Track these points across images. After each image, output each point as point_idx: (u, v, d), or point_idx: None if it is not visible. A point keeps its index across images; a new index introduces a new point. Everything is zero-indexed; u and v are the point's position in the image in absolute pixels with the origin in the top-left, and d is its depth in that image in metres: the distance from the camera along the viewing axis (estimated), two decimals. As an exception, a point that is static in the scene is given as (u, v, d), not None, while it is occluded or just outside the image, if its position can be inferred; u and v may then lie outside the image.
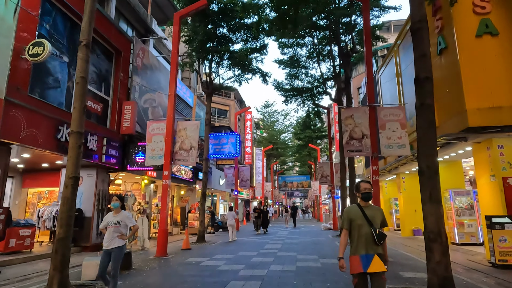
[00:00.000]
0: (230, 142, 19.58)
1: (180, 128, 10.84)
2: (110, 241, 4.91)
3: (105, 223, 5.01)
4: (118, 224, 4.97)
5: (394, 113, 9.56)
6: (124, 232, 5.06)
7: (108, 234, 4.93)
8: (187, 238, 11.73)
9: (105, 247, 4.93)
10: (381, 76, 17.71)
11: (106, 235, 4.96)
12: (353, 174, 13.73)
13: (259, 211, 17.74)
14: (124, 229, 5.06)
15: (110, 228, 4.94)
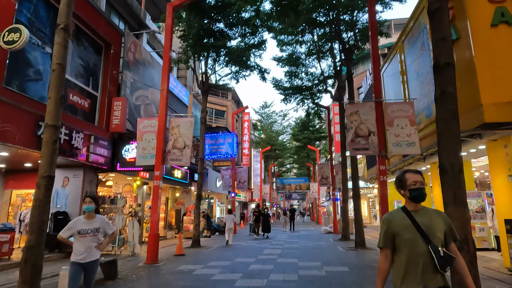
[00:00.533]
0: (227, 142, 18.87)
1: (173, 125, 10.13)
2: (86, 253, 4.05)
3: (74, 231, 4.08)
4: (96, 232, 4.12)
5: (403, 109, 8.91)
6: (101, 240, 4.26)
7: (82, 244, 4.05)
8: (180, 243, 11.00)
9: (79, 260, 4.03)
10: (383, 74, 17.08)
11: (78, 246, 4.06)
12: (356, 175, 13.06)
13: (258, 214, 16.77)
14: (101, 237, 4.26)
15: (86, 238, 4.06)
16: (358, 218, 12.57)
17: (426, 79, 11.20)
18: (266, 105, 41.02)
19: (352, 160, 13.14)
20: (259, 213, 16.77)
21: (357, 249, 11.78)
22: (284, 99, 19.43)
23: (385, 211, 8.72)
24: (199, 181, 13.71)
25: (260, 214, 16.64)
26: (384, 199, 8.76)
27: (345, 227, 15.73)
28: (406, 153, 9.08)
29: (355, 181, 12.98)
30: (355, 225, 12.54)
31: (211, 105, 35.88)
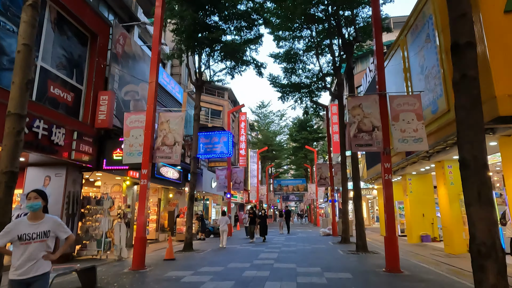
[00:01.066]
0: (222, 141, 18.18)
1: (162, 120, 9.44)
2: (30, 265, 3.02)
3: (13, 236, 3.05)
4: (45, 237, 3.12)
5: (409, 102, 8.28)
6: (51, 247, 3.23)
7: (26, 254, 3.03)
8: (170, 247, 10.29)
9: (20, 276, 2.99)
10: (384, 70, 16.50)
11: (17, 254, 3.04)
12: (357, 175, 12.41)
13: (253, 215, 15.91)
14: (52, 243, 3.25)
15: (30, 245, 3.05)
16: (360, 220, 11.92)
17: (432, 73, 10.59)
18: (263, 105, 40.39)
19: (353, 159, 12.49)
20: (254, 214, 16.01)
21: (358, 253, 11.12)
22: (281, 97, 18.76)
23: (390, 213, 8.07)
24: (192, 181, 13.02)
25: (256, 216, 15.83)
26: (389, 200, 8.11)
27: (345, 229, 15.09)
28: (413, 150, 8.45)
29: (356, 181, 12.33)
30: (356, 228, 11.89)
31: (207, 104, 35.22)
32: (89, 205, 10.97)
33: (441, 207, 11.64)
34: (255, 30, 14.93)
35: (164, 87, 16.67)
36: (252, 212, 16.11)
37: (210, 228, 19.71)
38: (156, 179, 15.10)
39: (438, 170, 11.57)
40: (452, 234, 10.78)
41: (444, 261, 9.38)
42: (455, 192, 10.94)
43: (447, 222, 11.15)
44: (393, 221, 8.00)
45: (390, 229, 7.93)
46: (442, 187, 11.37)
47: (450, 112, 9.49)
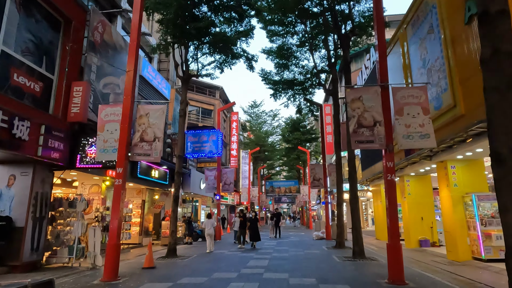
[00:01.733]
0: (211, 140, 17.26)
1: (142, 113, 8.50)
2: None
3: None
4: None
5: (414, 95, 7.49)
6: None
7: None
8: (150, 254, 9.32)
9: None
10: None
11: None
12: (354, 175, 11.59)
13: (243, 219, 14.46)
14: None
15: None
16: (356, 224, 11.10)
17: (435, 66, 9.84)
18: (255, 105, 39.51)
19: (350, 159, 11.68)
20: (245, 217, 14.65)
21: (355, 260, 10.30)
22: (273, 94, 17.93)
23: (394, 217, 7.25)
24: (176, 182, 12.08)
25: (246, 219, 14.53)
26: (392, 203, 7.29)
27: (340, 233, 14.28)
28: (419, 147, 7.65)
29: (352, 181, 11.52)
30: (353, 232, 11.07)
31: (197, 103, 34.29)
32: (61, 207, 9.95)
33: (443, 210, 10.89)
34: (246, 22, 14.07)
35: (149, 82, 15.69)
36: (242, 215, 14.77)
37: (198, 232, 18.72)
38: (140, 180, 14.12)
39: (440, 171, 10.83)
40: (455, 240, 10.04)
41: (449, 269, 8.60)
42: (458, 194, 10.20)
43: (450, 227, 10.40)
44: (396, 226, 7.18)
45: (393, 236, 7.11)
46: (445, 189, 10.63)
47: (456, 108, 8.75)
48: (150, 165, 14.88)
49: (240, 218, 14.66)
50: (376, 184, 18.47)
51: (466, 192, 10.12)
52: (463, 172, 10.31)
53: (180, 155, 12.24)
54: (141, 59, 14.82)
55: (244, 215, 14.58)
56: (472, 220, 9.72)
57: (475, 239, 9.59)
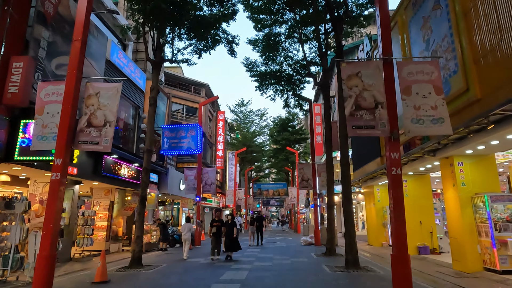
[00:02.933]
0: (190, 136, 15.67)
1: (90, 92, 6.90)
2: None
3: None
4: None
5: (424, 71, 6.11)
6: None
7: None
8: (102, 265, 7.67)
9: None
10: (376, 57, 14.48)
11: None
12: (347, 173, 10.13)
13: (219, 224, 11.50)
14: None
15: None
16: (350, 229, 9.66)
17: (442, 46, 8.50)
18: (242, 103, 37.99)
19: (343, 155, 10.24)
20: (222, 223, 11.63)
21: (349, 270, 8.84)
22: (259, 87, 16.46)
23: (400, 221, 5.80)
24: (144, 179, 10.45)
25: (223, 225, 11.61)
26: (398, 203, 5.85)
27: (330, 238, 12.84)
28: (432, 133, 6.24)
29: (346, 181, 10.08)
30: (346, 238, 9.63)
31: (182, 101, 32.61)
32: (-4, 209, 8.22)
33: (449, 213, 9.53)
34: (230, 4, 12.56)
35: (119, 69, 14.03)
36: (218, 220, 11.64)
37: (175, 237, 17.06)
38: (105, 178, 12.43)
39: (445, 169, 9.49)
40: (463, 247, 8.68)
41: (460, 283, 7.22)
42: (467, 195, 8.87)
43: (456, 232, 9.04)
44: (404, 232, 5.74)
45: (400, 245, 5.65)
46: (451, 189, 9.28)
47: (470, 91, 7.40)
48: (118, 162, 13.21)
49: (215, 224, 11.56)
50: (368, 186, 17.14)
51: (476, 193, 8.80)
52: (472, 169, 8.98)
53: (148, 149, 10.63)
54: (110, 42, 13.17)
55: (220, 221, 11.81)
56: (484, 224, 8.38)
57: (487, 247, 8.24)
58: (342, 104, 10.41)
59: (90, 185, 13.57)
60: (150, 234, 15.28)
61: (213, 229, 11.42)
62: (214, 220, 11.78)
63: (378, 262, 10.75)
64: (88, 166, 11.41)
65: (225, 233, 11.51)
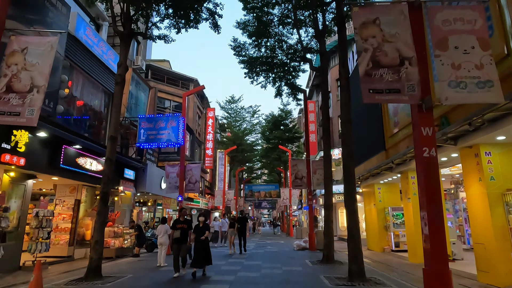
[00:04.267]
0: (170, 127, 13.91)
1: (15, 48, 5.15)
2: None
3: None
4: None
5: (465, 18, 4.49)
6: None
7: None
8: (36, 279, 5.87)
9: None
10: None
11: None
12: (350, 165, 8.42)
13: (185, 228, 8.50)
14: None
15: None
16: (354, 233, 7.99)
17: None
18: (233, 100, 36.26)
19: (344, 143, 8.54)
20: (188, 226, 8.65)
21: (354, 284, 7.18)
22: (248, 73, 14.77)
23: (436, 222, 4.14)
24: (106, 171, 8.66)
25: (188, 229, 8.60)
26: (434, 199, 4.19)
27: (328, 243, 11.17)
28: (477, 101, 4.56)
29: (349, 176, 8.39)
30: (350, 244, 7.97)
31: (169, 96, 30.79)
32: None
33: (473, 214, 7.93)
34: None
35: (87, 47, 12.23)
36: (184, 220, 8.67)
37: (154, 241, 15.20)
38: (66, 172, 10.61)
39: (469, 160, 7.90)
40: (493, 256, 7.07)
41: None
42: (497, 191, 7.28)
43: (484, 237, 7.43)
44: (443, 240, 4.07)
45: (438, 257, 4.02)
46: (475, 185, 7.68)
47: (510, 58, 5.84)
48: (84, 154, 11.39)
49: (179, 225, 8.50)
50: (368, 185, 15.55)
51: (508, 188, 7.22)
52: (502, 160, 7.40)
53: (113, 136, 8.84)
54: (75, 15, 11.37)
55: (187, 221, 8.79)
56: (520, 227, 6.79)
57: (524, 255, 6.65)
58: (344, 85, 8.79)
59: (51, 181, 11.72)
60: (123, 237, 13.43)
61: (175, 233, 8.44)
62: (177, 221, 8.57)
63: (385, 271, 9.12)
64: (42, 157, 9.58)
65: (194, 241, 8.40)
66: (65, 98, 11.26)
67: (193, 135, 31.20)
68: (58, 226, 12.12)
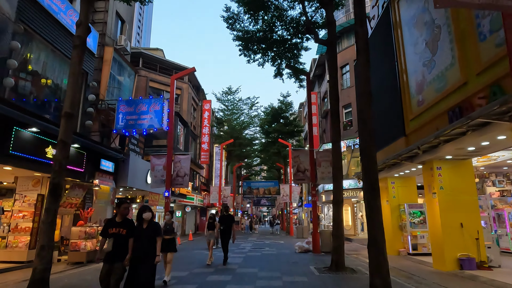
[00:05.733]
0: (153, 111, 12.05)
1: None
2: None
3: None
4: None
5: None
6: None
7: None
8: None
9: None
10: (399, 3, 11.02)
11: None
12: (371, 152, 6.55)
13: (122, 233, 5.06)
14: None
15: None
16: (377, 236, 6.11)
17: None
18: (230, 91, 34.31)
19: (363, 122, 6.68)
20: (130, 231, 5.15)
21: (379, 306, 5.30)
22: (243, 50, 12.85)
23: None
24: (57, 157, 6.75)
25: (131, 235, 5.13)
26: None
27: (337, 247, 9.33)
28: None
29: (370, 162, 6.50)
30: (371, 250, 6.10)
31: (162, 86, 28.86)
32: None
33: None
34: None
35: (50, 12, 10.29)
36: (122, 222, 5.20)
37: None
38: (21, 161, 8.73)
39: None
40: None
41: None
42: None
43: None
44: None
45: None
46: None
47: None
48: (45, 139, 9.50)
49: (116, 230, 5.12)
50: (380, 178, 13.53)
51: None
52: None
53: (68, 113, 6.93)
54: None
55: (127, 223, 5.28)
56: None
57: None
58: (363, 47, 6.89)
59: (5, 172, 9.82)
60: (97, 239, 11.55)
61: (107, 244, 5.24)
62: (111, 223, 5.22)
63: (410, 283, 7.28)
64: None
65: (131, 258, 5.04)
66: (27, 75, 9.38)
67: (188, 128, 29.31)
68: (17, 225, 10.26)
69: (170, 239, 7.35)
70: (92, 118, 12.52)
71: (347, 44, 24.74)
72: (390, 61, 11.56)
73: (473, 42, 6.77)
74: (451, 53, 7.48)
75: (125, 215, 5.36)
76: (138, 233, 5.21)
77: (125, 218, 5.34)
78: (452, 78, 7.41)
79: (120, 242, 5.06)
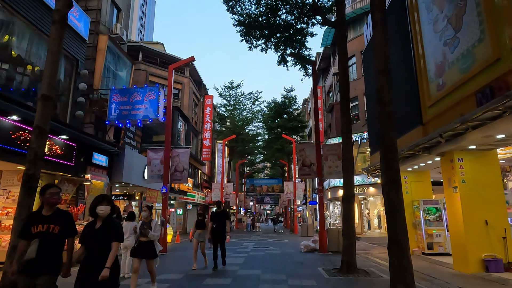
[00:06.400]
0: (148, 100, 11.26)
1: None
2: None
3: None
4: None
5: None
6: None
7: None
8: None
9: None
10: None
11: None
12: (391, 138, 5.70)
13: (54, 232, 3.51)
14: None
15: None
16: (399, 235, 5.26)
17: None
18: (232, 86, 33.42)
19: (382, 103, 5.81)
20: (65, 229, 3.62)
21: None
22: (245, 36, 11.99)
23: None
24: (33, 146, 5.95)
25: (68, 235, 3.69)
26: None
27: (348, 246, 8.47)
28: None
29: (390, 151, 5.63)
30: (392, 251, 5.26)
31: (162, 80, 28.03)
32: None
33: None
34: None
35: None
36: (52, 215, 3.64)
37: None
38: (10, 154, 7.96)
39: None
40: None
41: None
42: None
43: None
44: None
45: None
46: None
47: None
48: (26, 129, 8.70)
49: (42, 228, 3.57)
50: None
51: None
52: None
53: (45, 96, 6.12)
54: None
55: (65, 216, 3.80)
56: None
57: None
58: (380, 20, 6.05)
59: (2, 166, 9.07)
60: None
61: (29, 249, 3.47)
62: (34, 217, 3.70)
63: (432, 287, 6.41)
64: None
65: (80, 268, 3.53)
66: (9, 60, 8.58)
67: (189, 124, 28.51)
68: (1, 223, 9.51)
69: (146, 242, 6.01)
70: (83, 108, 11.73)
71: (353, 35, 23.78)
72: (403, 47, 10.68)
73: (506, 11, 5.86)
74: (479, 27, 6.58)
75: (54, 204, 3.73)
76: (87, 234, 3.58)
77: (57, 209, 3.77)
78: (481, 55, 6.51)
79: (50, 245, 3.51)
